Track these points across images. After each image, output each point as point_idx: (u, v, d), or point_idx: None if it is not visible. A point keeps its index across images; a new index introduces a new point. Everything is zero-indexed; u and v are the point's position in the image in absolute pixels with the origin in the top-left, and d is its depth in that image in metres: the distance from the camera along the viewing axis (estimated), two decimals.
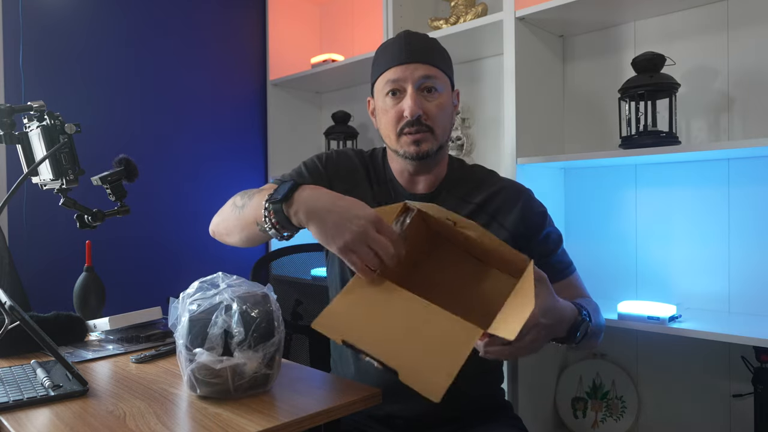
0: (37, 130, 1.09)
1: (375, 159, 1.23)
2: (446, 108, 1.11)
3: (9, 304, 0.92)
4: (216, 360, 0.81)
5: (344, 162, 1.20)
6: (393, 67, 1.10)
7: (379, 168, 1.21)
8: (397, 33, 1.14)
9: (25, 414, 0.80)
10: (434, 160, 1.14)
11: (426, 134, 1.09)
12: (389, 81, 1.10)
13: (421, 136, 1.09)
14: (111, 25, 2.08)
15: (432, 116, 1.09)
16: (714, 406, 1.53)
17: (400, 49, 1.10)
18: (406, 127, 1.09)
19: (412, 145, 1.09)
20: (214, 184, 2.36)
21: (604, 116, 1.72)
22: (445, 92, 1.12)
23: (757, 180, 1.46)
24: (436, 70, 1.10)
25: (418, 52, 1.09)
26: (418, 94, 1.08)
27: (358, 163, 1.20)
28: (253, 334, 0.82)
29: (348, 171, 1.19)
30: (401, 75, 1.09)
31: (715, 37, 1.52)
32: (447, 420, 1.11)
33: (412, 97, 1.07)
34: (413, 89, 1.08)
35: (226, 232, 1.09)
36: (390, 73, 1.10)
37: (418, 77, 1.08)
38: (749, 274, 1.47)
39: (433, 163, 1.15)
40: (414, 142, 1.09)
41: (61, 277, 1.82)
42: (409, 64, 1.08)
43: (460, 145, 2.06)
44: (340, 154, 1.22)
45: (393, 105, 1.10)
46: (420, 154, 1.10)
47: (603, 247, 1.73)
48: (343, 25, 2.57)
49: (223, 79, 2.41)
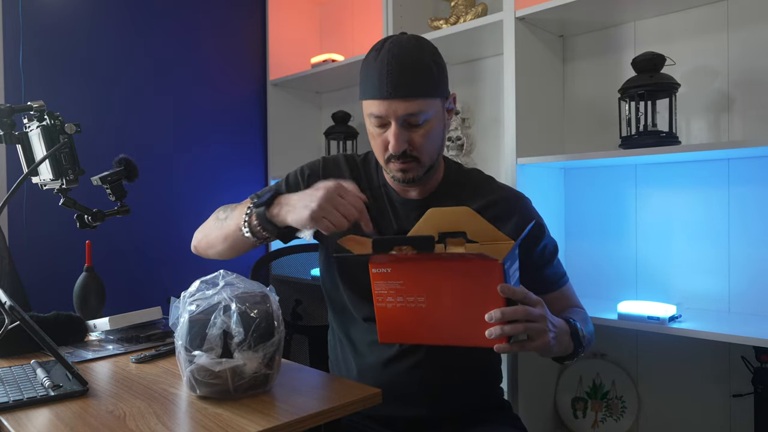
0: (37, 130, 1.09)
1: (368, 164, 1.22)
2: (433, 132, 1.08)
3: (9, 304, 0.92)
4: (215, 362, 0.81)
5: (330, 171, 1.19)
6: (375, 100, 1.05)
7: (371, 173, 1.20)
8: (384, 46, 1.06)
9: (25, 414, 0.80)
10: (425, 176, 1.12)
11: (412, 164, 1.07)
12: (373, 115, 1.06)
13: (407, 166, 1.07)
14: (111, 26, 2.08)
15: (417, 147, 1.06)
16: (714, 406, 1.53)
17: (381, 82, 1.03)
18: (392, 158, 1.08)
19: (399, 173, 1.09)
20: (214, 184, 2.36)
21: (604, 116, 1.72)
22: (434, 116, 1.07)
23: (757, 180, 1.46)
24: (420, 102, 1.03)
25: (402, 87, 1.02)
26: (402, 128, 1.04)
27: (347, 169, 1.20)
28: (252, 334, 0.82)
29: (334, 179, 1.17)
30: (384, 111, 1.04)
31: (715, 37, 1.52)
32: (446, 420, 1.11)
33: (394, 135, 1.04)
34: (396, 125, 1.04)
35: (207, 245, 1.15)
36: (373, 106, 1.05)
37: (402, 113, 1.03)
38: (749, 274, 1.47)
39: (426, 177, 1.13)
40: (401, 170, 1.08)
41: (61, 277, 1.82)
42: (391, 100, 1.02)
43: (460, 145, 2.06)
44: (328, 163, 1.21)
45: (379, 134, 1.08)
46: (407, 181, 1.10)
47: (603, 247, 1.73)
48: (343, 25, 2.57)
49: (223, 79, 2.41)
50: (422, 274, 0.88)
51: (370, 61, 1.06)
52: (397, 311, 0.90)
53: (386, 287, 0.90)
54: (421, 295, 0.88)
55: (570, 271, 1.78)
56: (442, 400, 1.11)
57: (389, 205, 1.16)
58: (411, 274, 0.89)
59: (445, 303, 0.88)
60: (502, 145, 1.96)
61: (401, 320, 0.90)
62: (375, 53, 1.06)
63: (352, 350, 1.16)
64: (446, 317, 0.89)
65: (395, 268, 0.89)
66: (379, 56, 1.05)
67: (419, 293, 0.89)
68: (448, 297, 0.88)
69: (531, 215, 1.17)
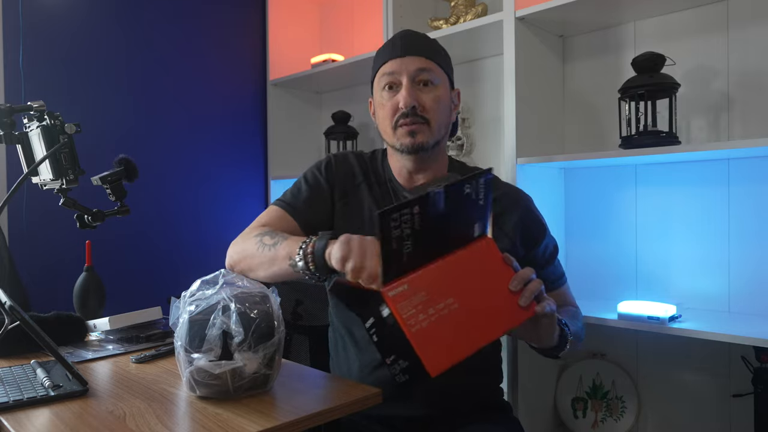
0: (37, 130, 1.09)
1: (375, 160, 1.24)
2: (443, 101, 1.12)
3: (9, 304, 0.92)
4: (214, 364, 0.80)
5: (343, 167, 1.21)
6: (389, 61, 1.11)
7: (378, 169, 1.22)
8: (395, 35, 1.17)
9: (25, 414, 0.80)
10: (431, 155, 1.14)
11: (422, 125, 1.09)
12: (385, 74, 1.11)
13: (417, 127, 1.09)
14: (111, 26, 2.08)
15: (428, 108, 1.09)
16: (714, 406, 1.53)
17: (395, 44, 1.12)
18: (401, 118, 1.09)
19: (408, 137, 1.09)
20: (213, 184, 2.36)
21: (604, 116, 1.72)
22: (442, 86, 1.12)
23: (757, 180, 1.46)
24: (432, 63, 1.11)
25: (414, 46, 1.11)
26: (414, 86, 1.09)
27: (357, 166, 1.21)
28: (252, 334, 0.82)
29: (346, 175, 1.20)
30: (397, 68, 1.10)
31: (715, 37, 1.52)
32: (445, 420, 1.11)
33: (407, 88, 1.09)
34: (408, 81, 1.09)
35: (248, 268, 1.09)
36: (386, 66, 1.11)
37: (414, 69, 1.09)
38: (749, 274, 1.47)
39: (431, 160, 1.15)
40: (409, 133, 1.09)
41: (61, 277, 1.82)
42: (404, 57, 1.10)
43: (460, 145, 2.06)
44: (339, 160, 1.23)
45: (389, 98, 1.11)
46: (415, 146, 1.10)
47: (603, 247, 1.73)
48: (343, 25, 2.57)
49: (223, 80, 2.41)
50: (438, 276, 0.85)
51: (386, 43, 1.17)
52: (434, 326, 0.81)
53: (412, 305, 0.81)
54: (449, 296, 0.84)
55: (570, 271, 1.78)
56: (442, 400, 1.11)
57: (395, 199, 1.18)
58: (428, 280, 0.83)
59: (470, 295, 0.85)
60: (502, 145, 1.96)
61: (442, 334, 0.82)
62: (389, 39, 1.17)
63: (354, 346, 1.16)
64: (479, 308, 0.85)
65: (412, 282, 0.82)
66: (391, 38, 1.15)
67: (446, 295, 0.83)
68: (469, 288, 0.86)
69: (534, 215, 1.19)
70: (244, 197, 2.45)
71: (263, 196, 2.52)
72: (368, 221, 1.15)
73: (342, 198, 1.18)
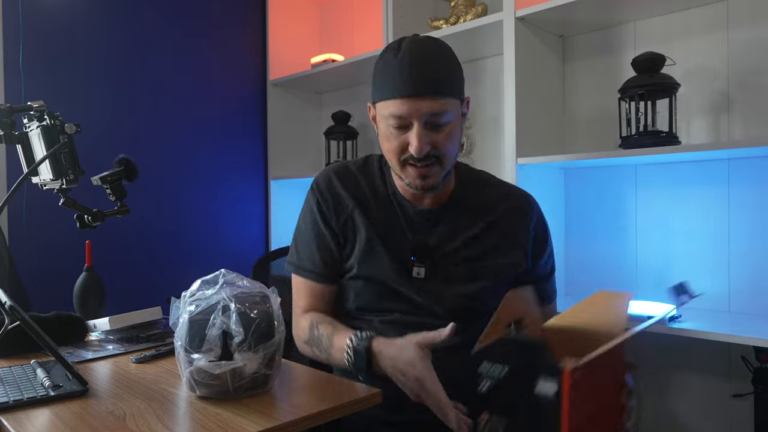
0: (37, 130, 1.09)
1: (369, 169, 1.15)
2: (455, 133, 1.03)
3: (9, 304, 0.92)
4: (214, 365, 0.80)
5: (332, 200, 1.13)
6: (397, 99, 0.98)
7: (375, 180, 1.13)
8: (403, 45, 1.01)
9: (25, 414, 0.80)
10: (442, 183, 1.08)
11: (434, 167, 1.02)
12: (393, 115, 0.99)
13: (428, 170, 1.01)
14: (111, 26, 2.08)
15: (441, 149, 1.01)
16: (714, 406, 1.53)
17: (403, 78, 0.97)
18: (411, 159, 1.01)
19: (418, 179, 1.02)
20: (213, 184, 2.36)
21: (604, 116, 1.72)
22: (455, 117, 1.02)
23: (757, 180, 1.46)
24: (445, 101, 0.98)
25: (427, 83, 0.97)
26: (426, 129, 0.99)
27: (343, 190, 1.12)
28: (252, 334, 0.82)
29: (338, 207, 1.12)
30: (407, 111, 0.98)
31: (715, 37, 1.52)
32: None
33: (418, 135, 0.98)
34: (420, 125, 0.98)
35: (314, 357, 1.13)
36: (394, 106, 0.99)
37: (427, 113, 0.97)
38: (749, 274, 1.47)
39: (442, 184, 1.09)
40: (420, 176, 1.02)
41: (61, 277, 1.82)
42: (415, 99, 0.97)
43: (460, 145, 2.05)
44: (325, 192, 1.13)
45: (396, 136, 1.01)
46: (426, 188, 1.04)
47: (603, 247, 1.73)
48: (343, 25, 2.57)
49: (223, 79, 2.41)
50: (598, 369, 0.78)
51: (389, 60, 1.01)
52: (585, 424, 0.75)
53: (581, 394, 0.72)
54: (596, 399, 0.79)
55: (570, 271, 1.79)
56: None
57: (402, 216, 1.11)
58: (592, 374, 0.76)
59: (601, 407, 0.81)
60: (502, 145, 1.96)
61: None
62: (393, 52, 1.01)
63: None
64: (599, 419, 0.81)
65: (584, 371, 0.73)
66: (399, 54, 0.99)
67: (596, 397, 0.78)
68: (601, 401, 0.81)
69: (544, 221, 1.17)
70: (244, 197, 2.45)
71: (263, 196, 2.52)
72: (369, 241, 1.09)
73: (342, 231, 1.12)
